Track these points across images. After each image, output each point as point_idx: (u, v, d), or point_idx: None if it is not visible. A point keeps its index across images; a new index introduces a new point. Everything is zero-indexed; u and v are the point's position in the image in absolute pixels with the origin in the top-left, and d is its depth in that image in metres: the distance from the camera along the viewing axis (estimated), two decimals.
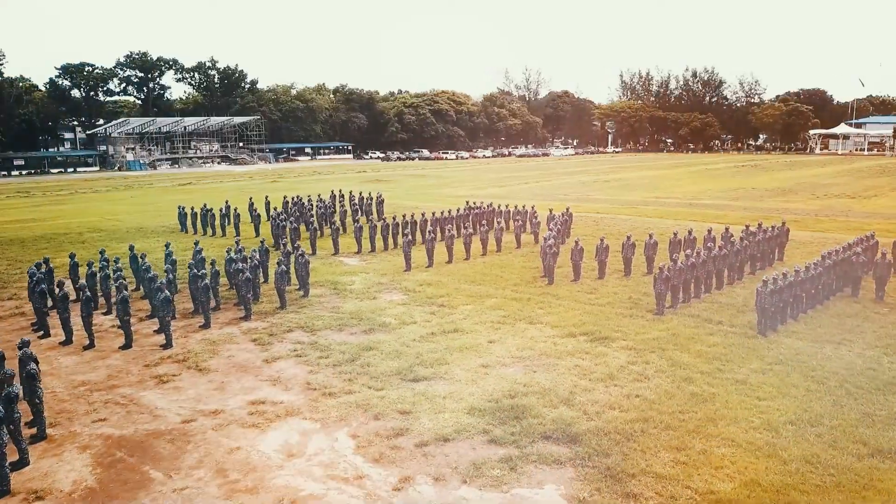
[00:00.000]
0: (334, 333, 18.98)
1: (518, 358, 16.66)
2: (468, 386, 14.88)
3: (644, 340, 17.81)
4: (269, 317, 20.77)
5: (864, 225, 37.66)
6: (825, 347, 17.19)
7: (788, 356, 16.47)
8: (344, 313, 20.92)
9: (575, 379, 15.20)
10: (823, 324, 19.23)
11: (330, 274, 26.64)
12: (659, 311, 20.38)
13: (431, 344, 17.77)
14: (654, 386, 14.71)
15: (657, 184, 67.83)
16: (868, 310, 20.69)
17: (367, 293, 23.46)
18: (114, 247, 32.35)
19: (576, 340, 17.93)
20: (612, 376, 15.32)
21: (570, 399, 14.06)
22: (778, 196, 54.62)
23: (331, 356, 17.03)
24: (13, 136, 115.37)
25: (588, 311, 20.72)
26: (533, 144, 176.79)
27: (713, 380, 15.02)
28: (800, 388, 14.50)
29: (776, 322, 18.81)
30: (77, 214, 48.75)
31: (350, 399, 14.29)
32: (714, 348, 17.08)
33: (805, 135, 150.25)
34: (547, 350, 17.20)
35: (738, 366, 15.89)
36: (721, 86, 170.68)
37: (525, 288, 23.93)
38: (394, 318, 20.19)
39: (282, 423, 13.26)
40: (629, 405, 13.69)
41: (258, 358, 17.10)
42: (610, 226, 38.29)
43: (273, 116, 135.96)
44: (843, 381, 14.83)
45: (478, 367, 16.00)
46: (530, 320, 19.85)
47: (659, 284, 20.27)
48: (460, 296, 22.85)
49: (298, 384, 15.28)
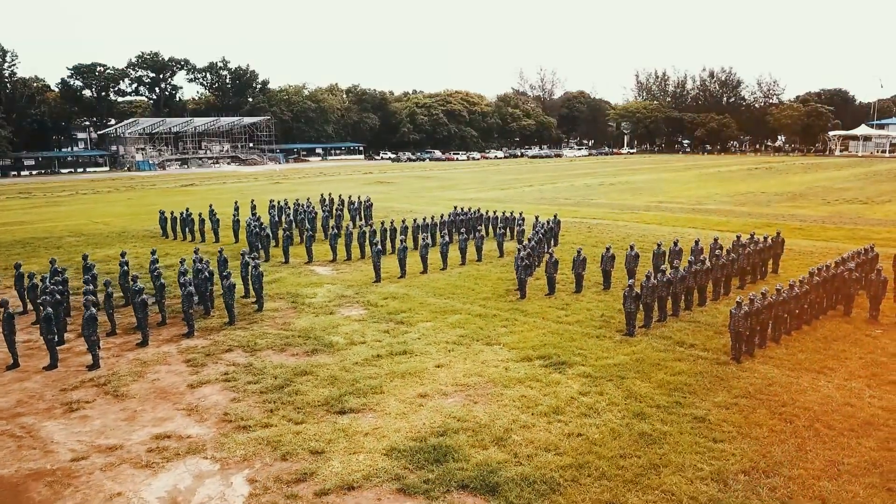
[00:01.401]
0: (275, 354, 17.72)
1: (462, 386, 15.29)
2: (397, 420, 13.53)
3: (605, 366, 16.36)
4: (213, 333, 19.57)
5: (871, 234, 35.83)
6: (803, 377, 15.63)
7: (759, 387, 14.94)
8: (293, 331, 19.65)
9: (516, 412, 13.80)
10: (807, 348, 17.66)
11: (294, 285, 25.41)
12: (629, 332, 18.89)
13: (374, 368, 16.45)
14: (601, 422, 13.27)
15: (664, 187, 65.98)
16: (859, 331, 19.07)
17: (325, 307, 22.19)
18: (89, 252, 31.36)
19: (530, 365, 16.52)
20: (559, 410, 13.90)
21: (504, 438, 12.67)
22: (787, 201, 52.63)
23: (261, 381, 15.77)
24: (25, 136, 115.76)
25: (553, 331, 19.28)
26: (547, 145, 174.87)
27: (669, 416, 13.54)
28: (764, 427, 12.99)
29: (753, 346, 17.25)
30: (67, 217, 48.03)
31: (263, 434, 13.01)
32: (678, 377, 15.58)
33: (824, 136, 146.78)
34: (496, 376, 15.81)
35: (700, 399, 14.39)
36: (739, 86, 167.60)
37: (494, 302, 22.53)
38: (343, 338, 18.90)
39: (178, 464, 11.99)
40: (567, 447, 12.26)
41: (184, 382, 15.87)
42: (603, 233, 36.74)
43: (284, 117, 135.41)
44: (814, 420, 13.30)
45: (414, 398, 14.65)
46: (488, 340, 18.46)
47: (628, 303, 18.77)
48: (423, 311, 21.51)
49: (215, 415, 14.02)
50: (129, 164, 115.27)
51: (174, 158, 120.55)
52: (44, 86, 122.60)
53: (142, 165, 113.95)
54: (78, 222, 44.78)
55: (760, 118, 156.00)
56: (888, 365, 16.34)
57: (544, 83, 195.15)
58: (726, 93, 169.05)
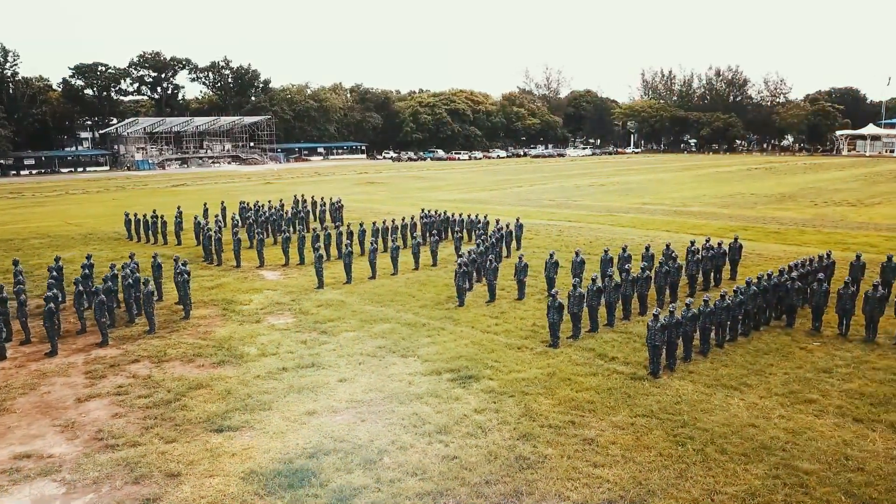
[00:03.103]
0: (181, 366, 17.18)
1: (356, 402, 14.67)
2: (272, 440, 12.93)
3: (514, 380, 15.68)
4: (129, 342, 19.06)
5: (847, 238, 34.87)
6: (716, 394, 14.88)
7: (665, 405, 14.21)
8: (210, 340, 19.12)
9: (400, 432, 13.16)
10: (734, 361, 16.90)
11: (233, 291, 24.88)
12: (553, 343, 18.18)
13: (273, 382, 15.86)
14: (484, 444, 12.60)
15: (655, 188, 64.99)
16: (795, 344, 18.27)
17: (254, 315, 21.65)
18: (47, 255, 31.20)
19: (436, 380, 15.87)
20: (446, 429, 13.24)
21: (376, 460, 12.03)
22: (774, 203, 51.57)
23: (153, 395, 15.23)
24: (27, 136, 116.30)
25: (477, 341, 18.61)
26: (553, 144, 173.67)
27: (557, 437, 12.85)
28: (653, 450, 12.27)
29: (674, 360, 16.50)
30: (42, 218, 47.83)
31: (128, 454, 12.45)
32: (584, 393, 14.88)
33: (832, 136, 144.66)
34: (397, 391, 15.18)
35: (598, 418, 13.68)
36: (745, 85, 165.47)
37: (430, 311, 21.89)
38: (257, 348, 18.33)
39: (24, 487, 11.45)
40: (436, 471, 11.61)
41: (74, 396, 15.36)
42: (572, 237, 35.97)
43: (286, 116, 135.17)
44: (709, 442, 12.56)
45: (301, 415, 14.04)
46: (405, 352, 17.82)
47: (552, 313, 18.05)
48: (352, 320, 20.90)
49: (89, 432, 13.48)
50: (128, 163, 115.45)
51: (174, 158, 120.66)
52: (46, 85, 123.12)
53: (141, 165, 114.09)
54: (51, 224, 44.54)
55: (767, 117, 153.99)
56: (811, 382, 15.55)
57: (550, 82, 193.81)
58: (733, 92, 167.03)
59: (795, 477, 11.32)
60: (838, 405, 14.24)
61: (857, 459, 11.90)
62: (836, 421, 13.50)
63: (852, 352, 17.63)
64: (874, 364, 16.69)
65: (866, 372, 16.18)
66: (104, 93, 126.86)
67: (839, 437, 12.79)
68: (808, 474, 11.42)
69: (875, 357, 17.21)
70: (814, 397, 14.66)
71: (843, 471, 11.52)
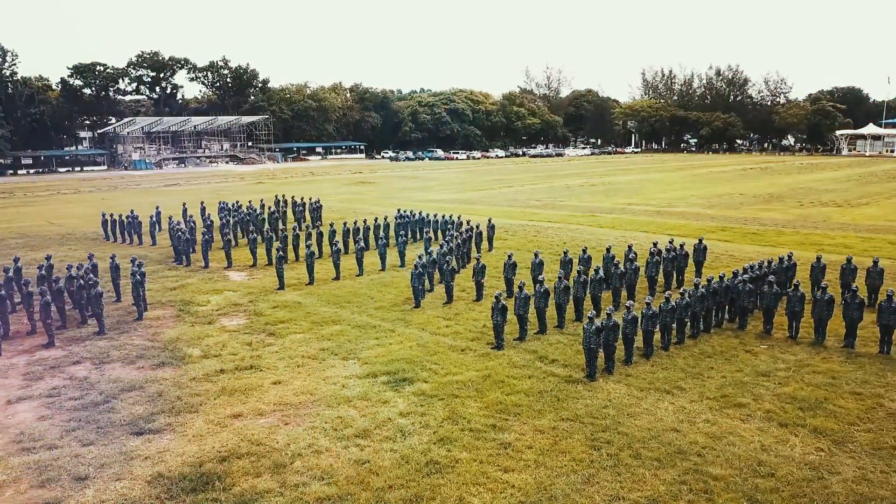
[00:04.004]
0: (121, 367, 17.17)
1: (285, 405, 14.62)
2: (190, 443, 12.90)
3: (447, 383, 15.62)
4: (76, 343, 19.07)
5: (824, 239, 34.70)
6: (648, 397, 14.79)
7: (592, 410, 14.12)
8: (157, 342, 19.12)
9: (320, 435, 13.12)
10: (674, 365, 16.79)
11: (194, 292, 24.89)
12: (497, 345, 18.10)
13: (207, 384, 15.84)
14: (399, 447, 12.55)
15: (644, 188, 64.79)
16: (742, 347, 18.17)
17: (208, 317, 21.64)
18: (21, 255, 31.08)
19: (371, 382, 15.82)
20: (366, 433, 13.19)
21: (288, 464, 11.99)
22: (760, 203, 51.32)
23: (85, 397, 15.23)
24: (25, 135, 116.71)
25: (423, 344, 18.55)
26: (554, 144, 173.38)
27: (476, 441, 12.78)
28: (567, 455, 12.19)
29: (612, 363, 16.40)
30: (27, 218, 47.99)
31: (42, 457, 12.43)
32: (514, 397, 14.80)
33: (832, 135, 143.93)
34: (328, 395, 15.13)
35: (522, 422, 13.61)
36: (746, 84, 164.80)
37: (384, 312, 21.84)
38: (201, 350, 18.32)
39: None
40: (344, 475, 11.56)
41: (5, 398, 15.36)
42: (547, 238, 35.87)
43: (284, 116, 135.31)
44: (625, 447, 12.47)
45: (226, 418, 14.01)
46: (347, 355, 17.78)
47: (495, 314, 17.97)
48: (304, 322, 20.86)
49: (10, 435, 13.47)
50: (126, 163, 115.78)
51: (171, 157, 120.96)
52: (45, 85, 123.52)
53: (138, 164, 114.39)
54: (33, 224, 44.68)
55: (767, 117, 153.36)
56: (747, 385, 15.44)
57: (550, 82, 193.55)
58: (733, 91, 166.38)
59: (703, 483, 11.22)
60: (767, 409, 14.12)
61: (770, 465, 11.79)
62: (760, 426, 13.38)
63: (797, 355, 17.49)
64: (815, 367, 16.56)
65: (805, 375, 16.05)
66: (102, 92, 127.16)
67: (759, 441, 12.68)
68: (717, 480, 11.32)
69: (819, 360, 17.07)
70: (745, 401, 14.54)
71: (753, 476, 11.41)
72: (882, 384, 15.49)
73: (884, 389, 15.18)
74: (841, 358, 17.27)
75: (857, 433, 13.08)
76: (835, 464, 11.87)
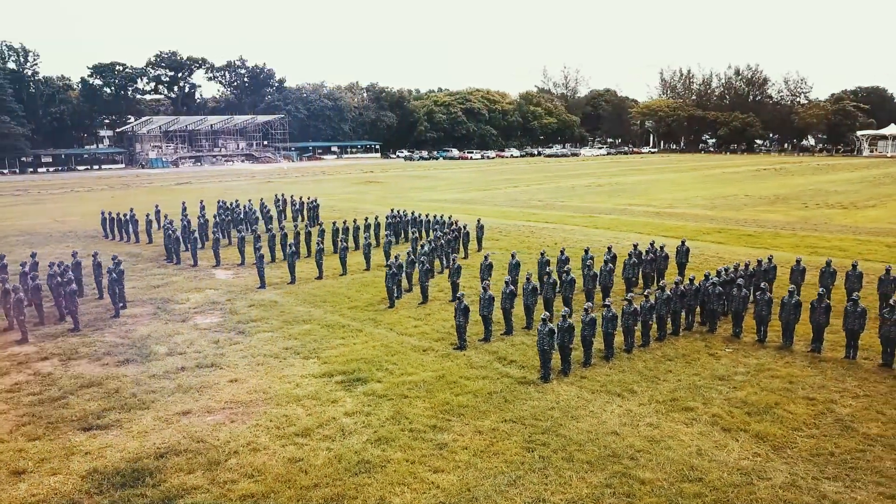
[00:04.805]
0: (87, 364, 17.47)
1: (236, 403, 14.80)
2: (133, 439, 13.12)
3: (400, 384, 15.71)
4: (49, 340, 19.42)
5: (822, 241, 34.36)
6: (597, 400, 14.77)
7: (537, 412, 14.14)
8: (129, 339, 19.41)
9: (262, 433, 13.27)
10: (633, 367, 16.74)
11: (176, 290, 25.23)
12: (460, 346, 18.17)
13: (165, 382, 16.07)
14: (336, 447, 12.67)
15: (650, 189, 64.38)
16: (707, 350, 18.06)
17: (184, 314, 21.94)
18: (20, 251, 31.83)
19: (324, 381, 15.96)
20: (307, 432, 13.33)
21: (222, 462, 12.16)
22: (764, 205, 50.79)
23: (44, 393, 15.53)
24: (46, 134, 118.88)
25: (387, 344, 18.66)
26: (571, 144, 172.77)
27: (413, 442, 12.86)
28: (500, 457, 12.23)
29: (568, 365, 16.39)
30: (32, 215, 48.87)
31: None
32: (462, 398, 14.86)
33: (853, 136, 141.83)
34: (280, 393, 15.29)
35: (464, 423, 13.66)
36: (765, 84, 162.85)
37: (357, 312, 21.99)
38: (168, 348, 18.57)
39: None
40: (273, 473, 11.69)
41: None
42: (539, 238, 35.82)
43: (300, 115, 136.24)
44: (560, 449, 12.49)
45: (174, 415, 14.21)
46: (309, 354, 17.94)
47: (458, 315, 18.02)
48: (275, 321, 21.07)
49: None
50: (142, 161, 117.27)
51: (188, 156, 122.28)
52: (66, 84, 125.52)
53: (155, 163, 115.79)
54: (37, 221, 45.45)
55: (786, 117, 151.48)
56: (700, 389, 15.36)
57: (568, 81, 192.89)
58: (752, 91, 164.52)
59: (628, 486, 11.20)
60: (714, 413, 14.04)
61: (702, 470, 11.74)
62: (702, 430, 13.31)
63: (761, 359, 17.36)
64: (776, 372, 16.42)
65: (763, 380, 15.93)
66: (121, 92, 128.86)
67: (697, 446, 12.62)
68: (644, 483, 11.30)
69: (781, 364, 16.93)
70: (693, 405, 14.46)
71: (680, 481, 11.37)
72: (838, 390, 15.32)
73: (839, 395, 15.01)
74: (804, 363, 17.09)
75: (800, 439, 12.96)
76: (768, 469, 11.78)
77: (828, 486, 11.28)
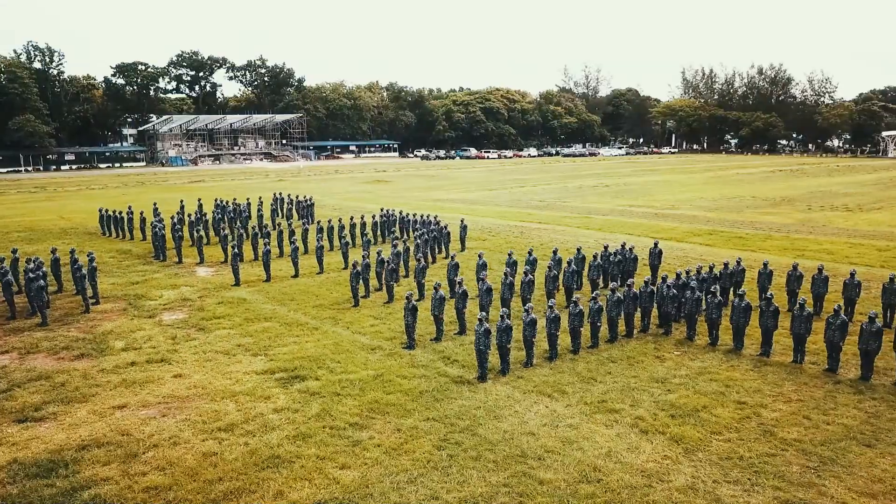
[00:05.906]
0: (43, 358, 17.97)
1: (172, 398, 15.17)
2: (62, 431, 13.54)
3: (337, 382, 15.97)
4: (14, 335, 19.99)
5: (812, 244, 33.99)
6: (525, 401, 14.90)
7: (462, 411, 14.30)
8: (91, 334, 19.92)
9: (187, 428, 13.62)
10: (573, 369, 16.82)
11: (153, 286, 25.76)
12: (409, 345, 18.39)
13: (112, 376, 16.50)
14: (255, 442, 12.96)
15: (656, 190, 63.96)
16: (655, 352, 18.07)
17: (152, 311, 22.42)
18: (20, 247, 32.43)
19: (265, 378, 16.27)
20: (232, 427, 13.64)
21: (139, 454, 12.52)
22: (767, 207, 50.24)
23: None
24: (70, 132, 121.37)
25: (338, 342, 18.93)
26: (591, 143, 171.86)
27: (330, 438, 13.11)
28: (410, 455, 12.42)
29: (507, 365, 16.51)
30: (42, 212, 49.94)
31: None
32: (393, 396, 15.07)
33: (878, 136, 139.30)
34: (218, 389, 15.64)
35: (386, 421, 13.88)
36: (789, 83, 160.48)
37: (321, 311, 22.29)
38: (125, 343, 19.03)
39: None
40: (185, 466, 12.01)
41: None
42: (528, 238, 35.87)
43: (319, 114, 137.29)
44: (471, 448, 12.66)
45: (109, 409, 14.62)
46: (259, 351, 18.28)
47: (407, 314, 18.25)
48: (238, 318, 21.46)
49: None
50: (162, 159, 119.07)
51: (207, 155, 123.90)
52: (90, 84, 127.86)
53: (174, 161, 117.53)
54: (44, 218, 46.48)
55: (809, 117, 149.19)
56: (633, 391, 15.41)
57: (588, 80, 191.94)
58: (775, 91, 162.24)
59: (525, 486, 11.33)
60: (638, 416, 14.08)
61: (605, 472, 11.82)
62: (620, 432, 13.38)
63: (706, 362, 17.33)
64: (715, 375, 16.40)
65: (700, 383, 15.92)
66: (144, 91, 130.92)
67: (609, 448, 12.69)
68: (542, 484, 11.42)
69: (724, 368, 16.90)
70: (620, 407, 14.52)
71: (579, 482, 11.47)
72: (773, 394, 15.27)
73: (770, 399, 14.96)
74: (748, 366, 17.03)
75: (716, 442, 12.97)
76: (671, 472, 11.83)
77: (726, 489, 11.30)
